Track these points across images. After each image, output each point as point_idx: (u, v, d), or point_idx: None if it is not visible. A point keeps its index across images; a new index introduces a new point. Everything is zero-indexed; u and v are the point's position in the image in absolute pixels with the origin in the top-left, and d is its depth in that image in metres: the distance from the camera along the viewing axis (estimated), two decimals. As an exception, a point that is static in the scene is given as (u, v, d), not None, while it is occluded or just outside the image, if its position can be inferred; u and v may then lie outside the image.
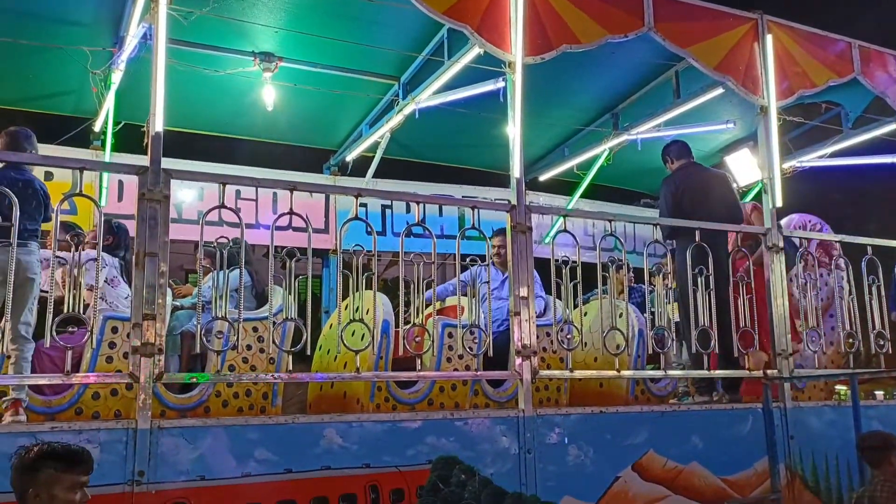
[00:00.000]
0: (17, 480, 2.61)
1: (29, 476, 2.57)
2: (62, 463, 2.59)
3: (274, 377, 4.12)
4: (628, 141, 7.73)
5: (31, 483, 2.55)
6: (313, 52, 6.52)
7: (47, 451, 2.61)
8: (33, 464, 2.58)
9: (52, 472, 2.56)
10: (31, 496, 2.54)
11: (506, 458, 4.22)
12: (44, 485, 2.54)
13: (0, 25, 5.73)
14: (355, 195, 4.37)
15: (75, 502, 2.58)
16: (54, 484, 2.55)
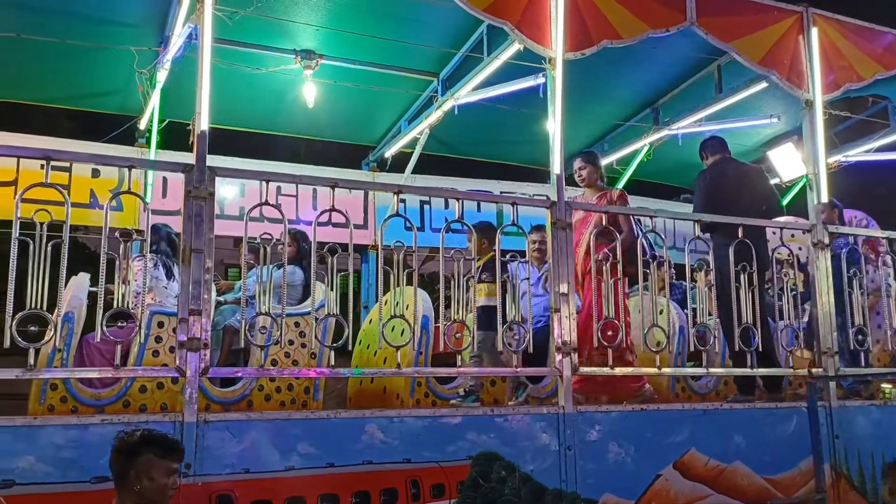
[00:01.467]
0: (117, 462, 2.82)
1: (130, 458, 2.79)
2: (160, 449, 2.83)
3: (317, 372, 4.15)
4: (669, 136, 7.66)
5: (132, 465, 2.77)
6: (353, 50, 6.57)
7: (147, 437, 2.84)
8: (135, 448, 2.81)
9: (151, 457, 2.79)
10: (132, 477, 2.76)
11: (546, 454, 4.21)
12: (143, 468, 2.76)
13: (50, 27, 5.88)
14: (396, 192, 4.40)
15: (167, 486, 2.81)
16: (152, 468, 2.78)
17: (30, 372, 3.39)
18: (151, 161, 6.82)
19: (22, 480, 3.09)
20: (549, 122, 4.83)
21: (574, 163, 5.73)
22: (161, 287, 5.24)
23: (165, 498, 2.84)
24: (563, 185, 4.70)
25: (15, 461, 3.11)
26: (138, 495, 2.79)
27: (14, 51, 6.08)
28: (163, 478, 2.82)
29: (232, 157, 7.37)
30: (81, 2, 5.70)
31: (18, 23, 5.79)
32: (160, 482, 2.80)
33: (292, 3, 5.77)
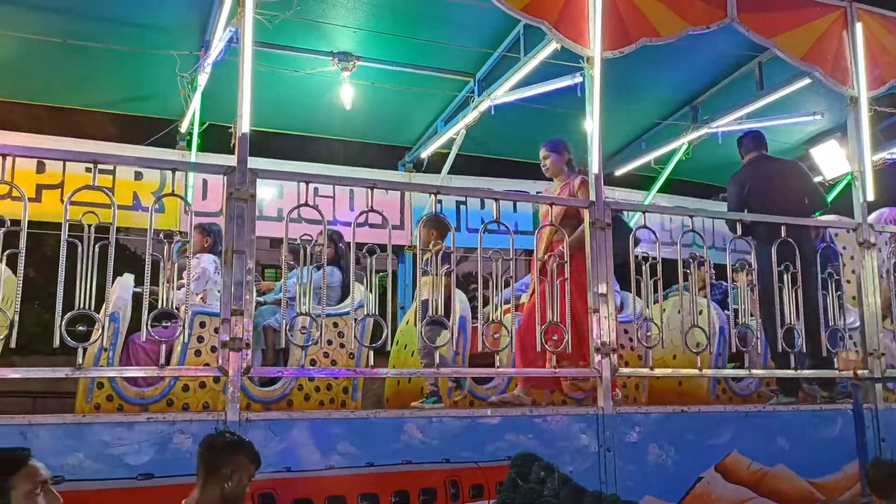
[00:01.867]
0: (213, 456, 2.92)
1: (228, 456, 2.90)
2: (252, 455, 2.96)
3: (356, 372, 4.18)
4: (708, 134, 7.57)
5: (229, 462, 2.88)
6: (390, 51, 6.60)
7: (244, 442, 2.98)
8: (235, 447, 2.94)
9: (244, 459, 2.91)
10: (224, 473, 2.86)
11: (585, 455, 4.20)
12: (237, 467, 2.88)
13: (95, 32, 6.00)
14: (434, 193, 4.42)
15: (246, 487, 2.93)
16: (243, 469, 2.89)
17: (78, 371, 3.46)
18: (195, 164, 6.91)
19: (71, 477, 3.16)
20: (586, 122, 4.81)
21: (540, 152, 5.61)
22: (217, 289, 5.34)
23: (242, 501, 2.93)
24: (601, 185, 4.67)
25: (65, 458, 3.19)
26: (224, 492, 2.87)
27: (61, 56, 6.23)
28: (246, 480, 2.93)
29: (270, 158, 7.44)
30: (126, 8, 5.80)
31: (65, 29, 5.92)
32: (244, 485, 2.91)
33: (330, 5, 5.82)
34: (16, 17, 5.77)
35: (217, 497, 2.89)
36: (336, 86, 6.82)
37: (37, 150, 5.32)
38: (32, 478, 2.30)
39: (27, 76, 6.81)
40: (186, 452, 3.43)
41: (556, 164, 5.35)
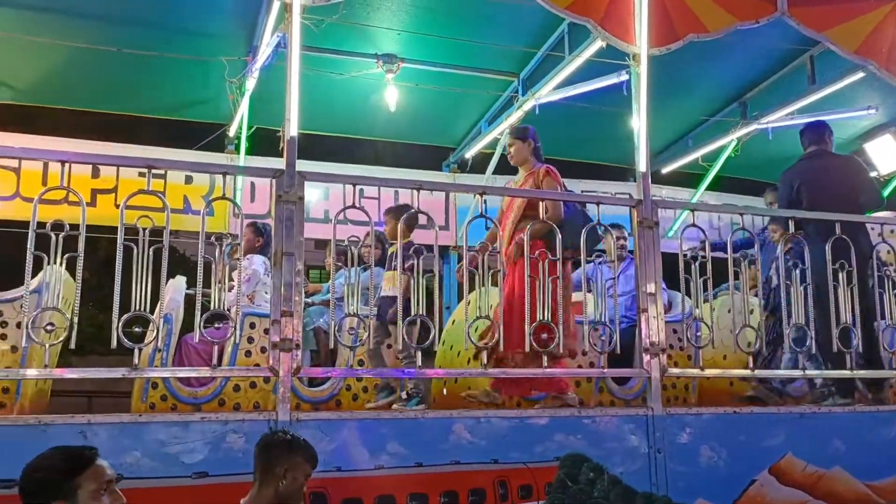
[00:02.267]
0: (268, 456, 2.99)
1: (282, 455, 2.96)
2: (307, 454, 3.01)
3: (404, 372, 4.21)
4: (758, 130, 7.44)
5: (284, 461, 2.95)
6: (434, 52, 6.63)
7: (299, 441, 3.03)
8: (290, 447, 2.99)
9: (299, 458, 2.97)
10: (279, 472, 2.93)
11: (635, 457, 4.15)
12: (291, 466, 2.94)
13: (147, 41, 6.15)
14: (480, 193, 4.41)
15: (302, 489, 2.99)
16: (298, 468, 2.95)
17: (134, 371, 3.54)
18: (245, 167, 7.03)
19: (129, 475, 3.23)
20: (633, 120, 4.76)
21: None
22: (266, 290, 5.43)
23: (299, 500, 2.99)
24: (649, 183, 4.62)
25: (123, 457, 3.27)
26: (279, 490, 2.93)
27: (115, 65, 6.39)
28: (303, 480, 2.98)
29: (316, 161, 7.52)
30: (177, 16, 5.94)
31: (120, 38, 6.08)
32: (299, 483, 2.96)
33: (374, 8, 5.87)
34: (73, 27, 5.95)
35: (272, 496, 2.95)
36: (380, 88, 6.88)
37: (94, 156, 5.49)
38: (98, 477, 2.36)
39: (83, 84, 7.02)
40: (239, 451, 3.49)
41: (521, 152, 5.15)
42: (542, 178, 4.97)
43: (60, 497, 2.30)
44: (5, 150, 4.95)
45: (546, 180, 4.95)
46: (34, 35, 5.94)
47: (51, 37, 5.95)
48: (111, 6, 5.78)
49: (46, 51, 6.16)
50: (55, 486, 2.31)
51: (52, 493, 2.30)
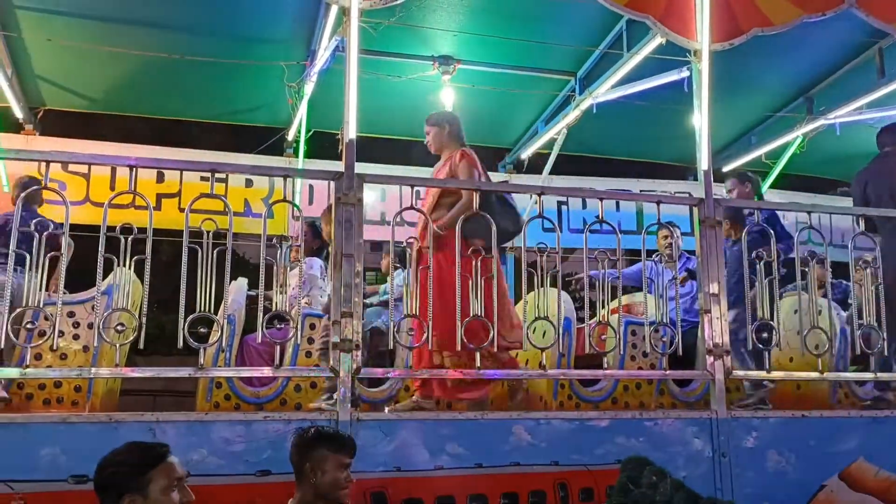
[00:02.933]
0: (295, 456, 3.04)
1: (307, 452, 2.99)
2: (333, 445, 3.02)
3: (463, 373, 4.20)
4: (825, 126, 7.21)
5: (308, 458, 2.97)
6: (490, 53, 6.61)
7: (322, 433, 3.05)
8: (311, 443, 3.01)
9: (325, 451, 2.98)
10: (308, 469, 2.96)
11: (699, 461, 4.07)
12: (318, 461, 2.95)
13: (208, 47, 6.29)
14: (538, 193, 4.38)
15: (341, 479, 2.98)
16: (326, 461, 2.96)
17: (200, 371, 3.61)
18: (305, 170, 7.13)
19: (196, 472, 3.29)
20: (694, 117, 4.67)
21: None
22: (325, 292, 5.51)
23: (339, 491, 2.99)
24: (711, 181, 4.53)
25: (190, 454, 3.34)
26: (315, 487, 2.97)
27: (179, 72, 6.56)
28: (336, 471, 2.98)
29: (373, 163, 7.59)
30: (238, 23, 6.06)
31: (183, 45, 6.23)
32: (333, 475, 2.97)
33: (430, 10, 5.89)
34: (140, 36, 6.12)
35: (311, 493, 2.98)
36: (437, 89, 6.89)
37: (160, 160, 5.65)
38: (170, 473, 2.42)
39: (149, 92, 7.23)
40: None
41: (437, 138, 4.98)
42: (457, 163, 4.75)
43: (133, 491, 2.36)
44: (77, 157, 5.13)
45: (461, 164, 4.72)
46: (104, 45, 6.14)
47: (119, 46, 6.14)
48: (176, 15, 5.93)
49: (115, 60, 6.35)
50: (128, 481, 2.37)
51: (125, 487, 2.36)
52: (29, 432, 3.25)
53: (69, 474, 3.17)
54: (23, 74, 6.66)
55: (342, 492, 3.00)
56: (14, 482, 3.14)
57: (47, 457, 3.19)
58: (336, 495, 2.98)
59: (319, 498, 2.98)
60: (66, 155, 5.28)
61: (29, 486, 3.15)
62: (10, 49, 6.22)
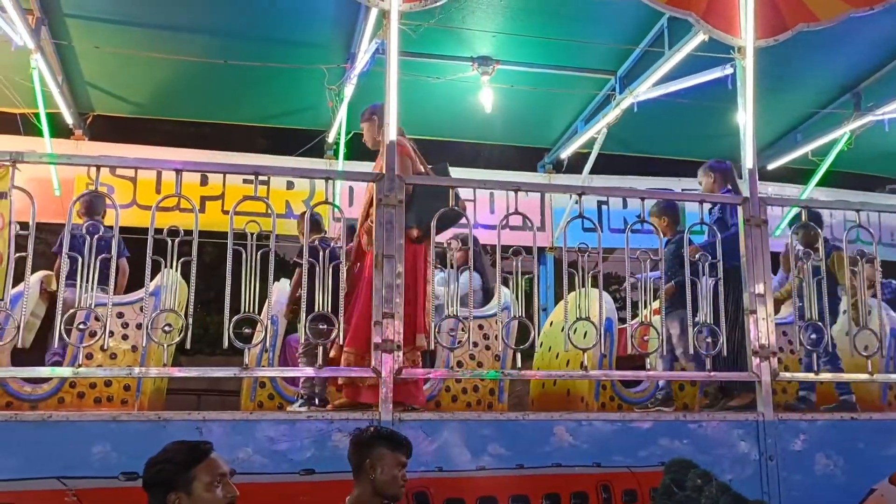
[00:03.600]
0: (355, 454, 3.12)
1: (366, 450, 3.07)
2: (391, 444, 3.09)
3: (504, 374, 4.19)
4: (873, 122, 7.06)
5: (367, 456, 3.05)
6: (529, 53, 6.61)
7: (381, 433, 3.14)
8: (370, 441, 3.08)
9: (383, 450, 3.05)
10: (367, 467, 3.03)
11: (745, 463, 4.00)
12: (377, 459, 3.03)
13: (251, 52, 6.38)
14: (579, 193, 4.36)
15: (397, 477, 3.05)
16: (384, 459, 3.04)
17: (245, 371, 3.67)
18: (346, 172, 7.19)
19: (241, 470, 3.34)
20: (738, 115, 4.60)
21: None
22: None
23: (396, 488, 3.05)
24: (756, 179, 4.45)
25: (236, 452, 3.39)
26: (373, 484, 3.03)
27: (221, 76, 6.68)
28: (393, 469, 3.04)
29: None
30: (279, 28, 6.15)
31: (226, 50, 6.34)
32: (391, 473, 3.03)
33: (469, 11, 5.90)
34: (182, 41, 6.25)
35: (369, 491, 3.05)
36: (476, 90, 6.90)
37: (204, 164, 5.75)
38: (213, 470, 2.46)
39: (192, 96, 7.36)
40: (344, 450, 3.52)
41: (370, 132, 4.79)
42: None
43: (178, 489, 2.40)
44: (125, 161, 5.24)
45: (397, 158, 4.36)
46: (149, 51, 6.27)
47: (164, 52, 6.26)
48: (219, 21, 6.04)
49: (160, 66, 6.49)
50: (173, 478, 2.42)
51: (170, 484, 2.41)
52: (81, 430, 3.33)
53: (120, 471, 3.24)
54: (73, 81, 6.84)
55: (399, 489, 3.07)
56: (67, 478, 3.22)
57: (99, 454, 3.27)
58: (393, 492, 3.06)
59: (377, 495, 3.05)
60: (114, 159, 5.41)
61: (81, 482, 3.23)
62: (61, 56, 6.39)
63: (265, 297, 3.81)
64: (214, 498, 2.42)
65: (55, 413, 3.54)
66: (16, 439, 3.24)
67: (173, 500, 2.40)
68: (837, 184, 8.69)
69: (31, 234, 3.51)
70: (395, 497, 3.09)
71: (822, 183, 8.40)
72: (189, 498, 2.40)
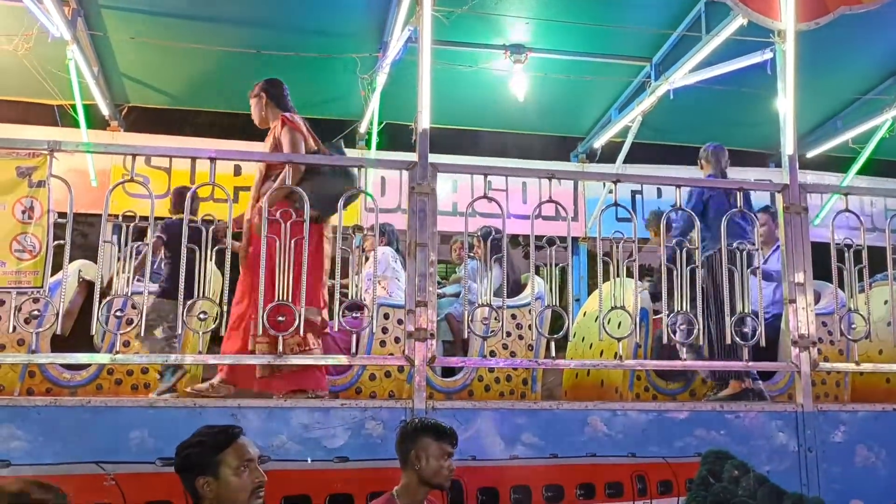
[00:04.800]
0: (401, 444, 3.15)
1: (411, 441, 3.09)
2: (436, 434, 3.10)
3: (538, 363, 4.17)
4: (916, 108, 6.89)
5: (413, 447, 3.07)
6: (562, 40, 6.54)
7: (425, 424, 3.15)
8: (415, 432, 3.11)
9: (428, 440, 3.07)
10: (412, 457, 3.07)
11: (783, 455, 3.93)
12: (422, 449, 3.06)
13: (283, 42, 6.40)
14: (614, 181, 4.30)
15: (443, 467, 3.07)
16: (429, 449, 3.06)
17: (280, 358, 3.68)
18: (379, 160, 7.18)
19: (276, 457, 3.37)
20: (778, 100, 4.50)
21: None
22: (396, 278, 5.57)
23: (442, 478, 3.08)
24: (796, 166, 4.36)
25: (270, 439, 3.41)
26: (418, 474, 3.06)
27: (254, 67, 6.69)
28: (438, 459, 3.06)
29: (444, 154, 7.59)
30: (310, 17, 6.16)
31: (258, 40, 6.37)
32: (437, 463, 3.05)
33: (503, -1, 5.86)
34: (215, 32, 6.30)
35: (415, 481, 3.07)
36: (508, 79, 6.85)
37: (238, 152, 5.81)
38: (240, 454, 2.47)
39: (224, 87, 7.39)
40: (378, 438, 3.57)
41: (257, 110, 4.51)
42: (280, 132, 4.29)
43: (206, 473, 2.42)
44: (159, 150, 5.29)
45: (283, 132, 4.25)
46: (183, 41, 6.32)
47: (197, 42, 6.30)
48: (251, 11, 6.06)
49: (192, 56, 6.54)
50: (201, 463, 2.44)
51: (199, 469, 2.44)
52: (119, 416, 3.37)
53: (157, 456, 3.28)
54: (108, 72, 6.92)
55: (445, 478, 3.09)
56: (105, 463, 3.27)
57: (136, 439, 3.31)
58: (438, 481, 3.08)
59: (423, 484, 3.07)
60: (149, 148, 5.47)
61: (119, 467, 3.27)
62: (97, 48, 6.46)
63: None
64: (241, 482, 2.44)
65: (94, 399, 3.59)
66: (56, 424, 3.29)
67: (202, 484, 2.42)
68: (879, 171, 8.49)
69: (69, 222, 3.56)
70: (441, 486, 3.12)
71: (862, 171, 8.21)
72: (217, 482, 2.42)
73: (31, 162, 3.45)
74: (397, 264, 5.76)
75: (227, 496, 2.42)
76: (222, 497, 2.42)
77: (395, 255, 5.90)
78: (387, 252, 5.80)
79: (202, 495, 2.43)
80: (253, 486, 2.45)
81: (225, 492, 2.41)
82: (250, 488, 2.44)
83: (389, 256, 5.80)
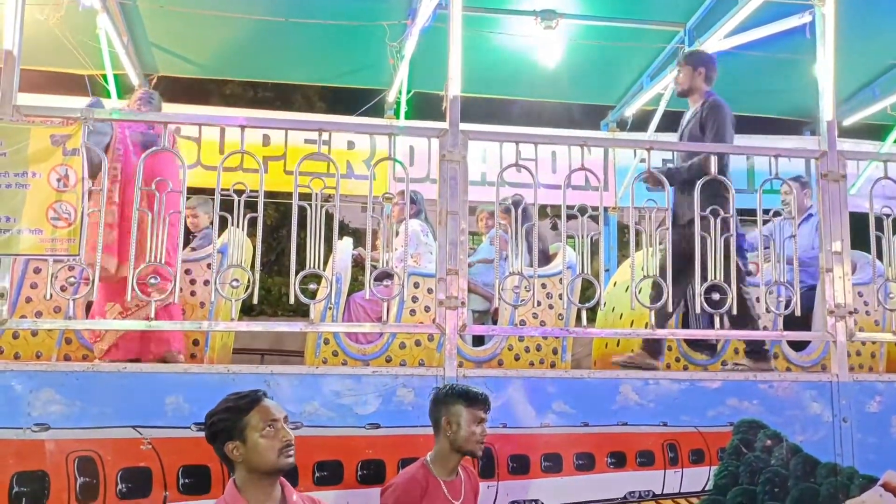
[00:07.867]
0: (433, 411, 3.19)
1: (444, 407, 3.13)
2: (467, 400, 3.13)
3: (568, 331, 4.15)
4: (958, 74, 6.68)
5: (445, 413, 3.11)
6: (594, 5, 6.43)
7: (456, 390, 3.18)
8: (447, 398, 3.15)
9: (459, 406, 3.11)
10: (444, 423, 3.10)
11: (817, 425, 3.90)
12: (454, 415, 3.09)
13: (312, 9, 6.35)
14: (647, 148, 4.24)
15: (475, 433, 3.11)
16: (460, 415, 3.09)
17: (311, 325, 3.71)
18: (409, 128, 7.15)
19: (308, 423, 3.41)
20: (817, 65, 4.39)
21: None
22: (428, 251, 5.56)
23: (474, 444, 3.10)
24: (835, 133, 4.27)
25: (302, 406, 3.45)
26: (450, 441, 3.10)
27: (282, 35, 6.68)
28: (470, 425, 3.09)
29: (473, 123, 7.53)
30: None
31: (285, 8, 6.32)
32: (468, 429, 3.08)
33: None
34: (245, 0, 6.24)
35: (447, 446, 3.11)
36: (538, 46, 6.75)
37: (268, 120, 5.78)
38: (265, 415, 2.50)
39: (253, 56, 7.39)
40: (409, 405, 3.59)
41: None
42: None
43: (234, 437, 2.47)
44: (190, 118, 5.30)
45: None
46: (212, 10, 6.30)
47: (226, 10, 6.28)
48: (280, -21, 6.01)
49: (221, 25, 6.51)
50: (228, 428, 2.49)
51: (227, 435, 2.48)
52: (155, 381, 3.42)
53: (192, 422, 3.33)
54: (138, 42, 6.92)
55: (476, 445, 3.11)
56: (142, 427, 3.33)
57: (172, 405, 3.36)
58: (470, 448, 3.10)
59: (455, 450, 3.10)
60: (180, 116, 5.48)
61: (156, 431, 3.33)
62: (126, 17, 6.47)
63: (328, 254, 3.83)
64: (269, 443, 2.47)
65: (130, 364, 3.64)
66: (93, 390, 3.35)
67: (231, 449, 2.47)
68: (919, 141, 8.30)
69: (104, 190, 3.59)
70: (473, 453, 3.13)
71: (899, 143, 8.04)
72: (245, 446, 2.46)
73: (65, 130, 3.48)
74: (427, 237, 5.74)
75: (256, 458, 2.46)
76: (252, 459, 2.46)
77: (424, 227, 5.89)
78: (416, 228, 5.77)
79: (233, 459, 2.48)
80: (281, 444, 2.49)
81: (253, 454, 2.46)
82: (278, 447, 2.48)
83: (420, 232, 5.77)
